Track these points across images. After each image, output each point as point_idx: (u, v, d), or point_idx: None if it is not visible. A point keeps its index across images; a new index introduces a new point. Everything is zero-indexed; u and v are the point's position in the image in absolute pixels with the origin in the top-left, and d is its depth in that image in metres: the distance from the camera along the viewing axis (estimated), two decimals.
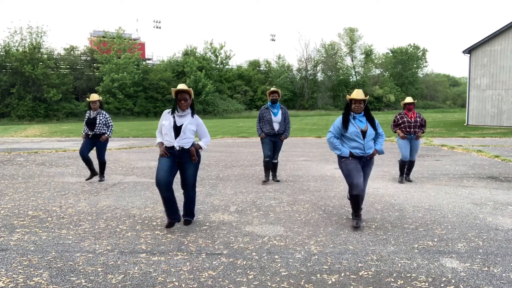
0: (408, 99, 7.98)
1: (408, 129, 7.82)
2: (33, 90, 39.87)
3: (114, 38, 47.49)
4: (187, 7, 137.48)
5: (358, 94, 4.99)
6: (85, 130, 8.07)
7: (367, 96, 5.12)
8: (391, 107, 54.90)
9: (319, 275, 3.63)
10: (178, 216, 4.99)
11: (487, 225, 5.09)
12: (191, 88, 5.05)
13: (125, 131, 23.34)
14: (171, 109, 5.05)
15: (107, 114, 8.16)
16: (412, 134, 7.85)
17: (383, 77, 60.82)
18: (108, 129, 8.12)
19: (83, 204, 6.27)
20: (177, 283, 3.48)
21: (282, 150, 9.00)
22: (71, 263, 3.91)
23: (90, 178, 8.08)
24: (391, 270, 3.74)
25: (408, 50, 62.18)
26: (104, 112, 8.10)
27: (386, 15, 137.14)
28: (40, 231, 4.88)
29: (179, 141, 4.90)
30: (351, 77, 58.88)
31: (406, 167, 7.98)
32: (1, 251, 4.23)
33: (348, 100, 5.08)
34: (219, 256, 4.08)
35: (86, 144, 8.07)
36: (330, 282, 3.49)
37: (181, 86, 4.95)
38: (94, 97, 8.06)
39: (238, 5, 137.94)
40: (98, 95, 8.26)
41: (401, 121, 7.92)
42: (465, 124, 26.08)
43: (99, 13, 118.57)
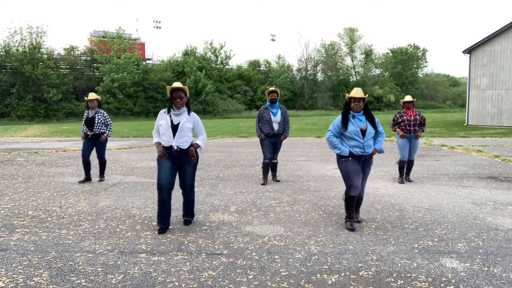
0: (407, 98, 7.98)
1: (408, 128, 7.82)
2: (33, 90, 39.89)
3: (114, 38, 47.51)
4: (187, 7, 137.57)
5: (357, 92, 4.96)
6: (84, 130, 8.05)
7: (367, 94, 5.10)
8: (391, 107, 54.90)
9: (319, 275, 3.63)
10: (169, 223, 4.96)
11: (487, 225, 5.09)
12: (186, 86, 5.02)
13: (125, 131, 23.35)
14: (167, 108, 5.02)
15: (105, 113, 8.14)
16: (411, 133, 7.85)
17: (383, 77, 60.82)
18: (107, 128, 8.11)
19: (83, 204, 6.27)
20: (177, 283, 3.48)
21: (282, 150, 9.00)
22: (71, 263, 3.91)
23: (83, 182, 8.01)
24: (391, 270, 3.74)
25: (408, 50, 62.20)
26: (102, 111, 8.09)
27: (386, 15, 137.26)
28: (40, 231, 4.89)
29: (177, 140, 4.88)
30: (351, 77, 58.87)
31: (405, 167, 7.99)
32: (1, 251, 4.23)
33: (348, 99, 5.05)
34: (219, 256, 4.08)
35: (87, 146, 8.04)
36: (330, 282, 3.49)
37: (176, 84, 4.93)
38: (92, 96, 8.06)
39: (238, 5, 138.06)
40: (96, 94, 8.26)
41: (400, 120, 7.91)
42: (465, 124, 26.08)
43: (99, 13, 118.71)
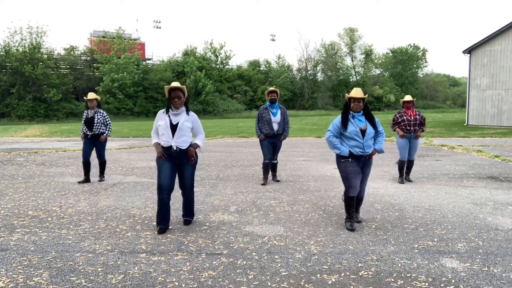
0: (407, 97, 7.98)
1: (408, 128, 7.81)
2: (33, 90, 39.90)
3: (114, 38, 47.52)
4: (187, 7, 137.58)
5: (357, 92, 4.94)
6: (83, 130, 8.04)
7: (366, 94, 5.09)
8: (391, 107, 54.89)
9: (319, 275, 3.63)
10: (169, 223, 4.96)
11: (487, 225, 5.09)
12: (184, 86, 5.01)
13: (125, 131, 23.35)
14: (165, 109, 5.00)
15: (104, 113, 8.13)
16: (411, 133, 7.84)
17: (383, 77, 60.81)
18: (107, 128, 8.11)
19: (83, 204, 6.27)
20: (177, 283, 3.48)
21: (282, 150, 9.01)
22: (71, 263, 3.91)
23: (82, 182, 7.99)
24: (391, 270, 3.74)
25: (408, 50, 62.19)
26: (101, 111, 8.08)
27: (386, 15, 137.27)
28: (40, 231, 4.89)
29: (176, 140, 4.87)
30: (351, 77, 58.86)
31: (405, 167, 7.99)
32: (1, 251, 4.23)
33: (347, 99, 5.04)
34: (219, 256, 4.08)
35: (87, 147, 8.03)
36: (330, 282, 3.49)
37: (174, 84, 4.91)
38: (91, 95, 8.05)
39: (238, 5, 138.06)
40: (96, 94, 8.24)
41: (400, 120, 7.91)
42: (465, 124, 26.07)
43: (99, 13, 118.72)
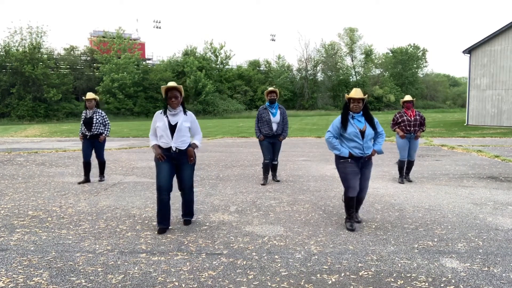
0: (407, 97, 7.97)
1: (408, 128, 7.80)
2: (33, 90, 39.90)
3: (114, 38, 47.52)
4: (187, 7, 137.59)
5: (357, 93, 4.91)
6: (82, 130, 8.01)
7: (366, 95, 5.07)
8: (391, 107, 54.90)
9: (319, 275, 3.63)
10: (169, 223, 4.96)
11: (487, 225, 5.08)
12: (181, 85, 4.96)
13: (125, 131, 23.35)
14: (162, 109, 4.97)
15: (103, 113, 8.12)
16: (411, 133, 7.84)
17: (383, 77, 60.81)
18: (105, 128, 8.09)
19: (83, 204, 6.27)
20: (177, 283, 3.48)
21: (282, 150, 9.01)
22: (71, 263, 3.91)
23: (82, 183, 7.98)
24: (391, 270, 3.74)
25: (408, 50, 62.18)
26: (100, 111, 8.06)
27: (386, 15, 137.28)
28: (40, 231, 4.89)
29: (176, 141, 4.85)
30: (351, 77, 58.86)
31: (405, 167, 7.99)
32: (1, 251, 4.23)
33: (347, 99, 5.01)
34: (219, 256, 4.08)
35: (87, 147, 8.02)
36: (330, 282, 3.49)
37: (171, 84, 4.88)
38: (90, 95, 8.02)
39: (238, 5, 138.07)
40: (94, 94, 8.22)
41: (400, 120, 7.90)
42: (465, 124, 26.07)
43: (99, 13, 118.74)
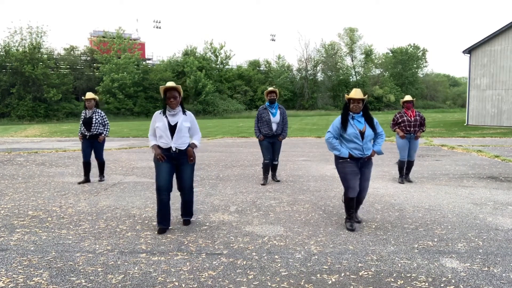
0: (407, 97, 7.97)
1: (408, 128, 7.80)
2: (33, 90, 39.90)
3: (114, 38, 47.52)
4: (187, 7, 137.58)
5: (357, 93, 4.89)
6: (81, 130, 8.00)
7: (366, 95, 5.05)
8: (391, 107, 54.89)
9: (319, 275, 3.63)
10: (169, 223, 4.96)
11: (487, 225, 5.08)
12: (179, 85, 4.94)
13: (125, 131, 23.35)
14: (161, 110, 4.94)
15: (102, 113, 8.10)
16: (411, 133, 7.84)
17: (383, 77, 60.80)
18: (105, 128, 8.08)
19: (83, 204, 6.27)
20: (177, 283, 3.48)
21: (282, 150, 9.01)
22: (71, 263, 3.91)
23: (82, 183, 7.98)
24: (391, 270, 3.74)
25: (408, 50, 62.17)
26: (100, 111, 8.05)
27: (386, 15, 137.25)
28: (40, 231, 4.89)
29: (175, 141, 4.84)
30: (351, 77, 58.85)
31: (405, 167, 7.98)
32: (1, 251, 4.24)
33: (347, 100, 4.99)
34: (219, 256, 4.08)
35: (86, 147, 8.02)
36: (330, 282, 3.49)
37: (169, 84, 4.85)
38: (89, 95, 8.01)
39: (238, 5, 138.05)
40: (94, 94, 8.21)
41: (400, 120, 7.90)
42: (465, 124, 26.07)
43: (99, 13, 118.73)
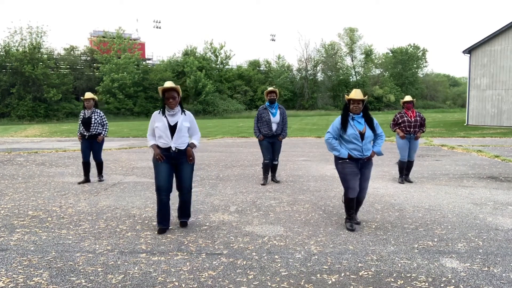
0: (407, 98, 7.96)
1: (408, 129, 7.80)
2: (33, 90, 39.90)
3: (114, 38, 47.53)
4: (187, 7, 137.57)
5: (357, 94, 4.88)
6: (80, 130, 7.99)
7: (366, 96, 5.04)
8: (391, 107, 54.89)
9: (319, 275, 3.63)
10: (169, 223, 4.96)
11: (487, 225, 5.09)
12: (178, 86, 4.88)
13: (125, 131, 23.35)
14: (160, 110, 4.91)
15: (102, 113, 8.10)
16: (411, 134, 7.84)
17: (383, 77, 60.79)
18: (104, 129, 8.07)
19: (83, 204, 6.27)
20: (177, 283, 3.48)
21: (282, 150, 9.00)
22: (71, 263, 3.91)
23: (82, 183, 7.97)
24: (391, 270, 3.74)
25: (408, 50, 62.16)
26: (99, 111, 8.04)
27: (386, 15, 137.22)
28: (40, 231, 4.89)
29: (175, 141, 4.82)
30: (351, 77, 58.85)
31: (405, 168, 7.98)
32: (1, 251, 4.23)
33: (347, 101, 4.99)
34: (219, 256, 4.08)
35: (85, 147, 8.01)
36: (330, 282, 3.49)
37: (168, 84, 4.79)
38: (88, 95, 8.00)
39: (238, 5, 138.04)
40: (93, 94, 8.21)
41: (401, 120, 7.89)
42: (465, 124, 26.07)
43: (99, 13, 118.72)
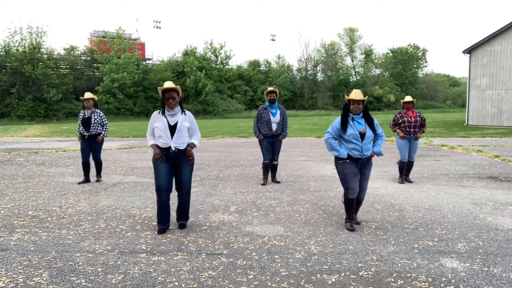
0: (408, 98, 7.96)
1: (408, 129, 7.80)
2: (33, 90, 39.90)
3: (114, 38, 47.53)
4: (187, 7, 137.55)
5: (357, 94, 4.88)
6: (80, 130, 7.98)
7: (366, 96, 5.04)
8: (391, 107, 54.88)
9: (319, 275, 3.63)
10: (169, 223, 4.96)
11: (487, 225, 5.09)
12: (178, 86, 4.87)
13: (125, 131, 23.35)
14: (160, 110, 4.89)
15: (101, 113, 8.09)
16: (412, 134, 7.83)
17: (383, 77, 60.78)
18: (103, 129, 8.06)
19: (83, 204, 6.27)
20: (177, 283, 3.48)
21: (282, 150, 9.00)
22: (71, 263, 3.91)
23: (82, 183, 7.97)
24: (391, 270, 3.74)
25: (408, 50, 62.14)
26: (98, 111, 8.03)
27: (386, 15, 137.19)
28: (40, 231, 4.89)
29: (175, 141, 4.82)
30: (351, 77, 58.84)
31: (405, 168, 7.98)
32: (1, 251, 4.24)
33: (347, 101, 4.98)
34: (219, 256, 4.08)
35: (85, 148, 8.00)
36: (330, 282, 3.49)
37: (168, 85, 4.76)
38: (88, 95, 7.99)
39: (238, 5, 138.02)
40: (92, 94, 8.19)
41: (401, 121, 7.89)
42: (465, 124, 26.07)
43: (99, 13, 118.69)
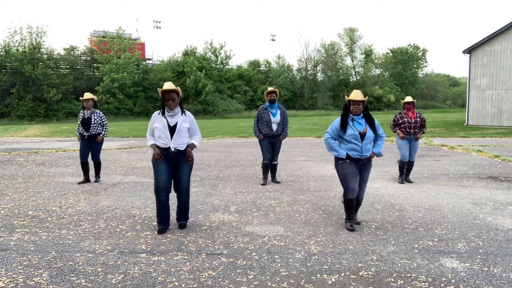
0: (408, 98, 7.96)
1: (408, 130, 7.80)
2: (33, 90, 39.89)
3: (114, 38, 47.53)
4: (187, 7, 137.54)
5: (357, 95, 4.86)
6: (79, 130, 7.97)
7: (366, 96, 5.02)
8: (391, 107, 54.88)
9: (319, 275, 3.63)
10: (168, 223, 4.96)
11: (487, 225, 5.09)
12: (178, 87, 4.86)
13: (125, 131, 23.35)
14: (160, 110, 4.89)
15: (101, 113, 8.07)
16: (412, 135, 7.83)
17: (383, 77, 60.78)
18: (103, 129, 8.05)
19: (83, 204, 6.27)
20: (177, 283, 3.48)
21: (282, 150, 9.01)
22: (71, 263, 3.92)
23: (82, 183, 7.96)
24: (391, 270, 3.74)
25: (408, 50, 62.13)
26: (98, 111, 8.01)
27: (386, 15, 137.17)
28: (40, 231, 4.89)
29: (175, 142, 4.82)
30: (351, 77, 58.83)
31: (405, 168, 7.98)
32: (1, 251, 4.24)
33: (347, 101, 4.98)
34: (219, 256, 4.08)
35: (84, 148, 7.98)
36: (330, 282, 3.49)
37: (168, 86, 4.74)
38: (87, 95, 7.97)
39: (238, 5, 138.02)
40: (92, 94, 8.18)
41: (401, 121, 7.89)
42: (465, 124, 26.08)
43: (99, 13, 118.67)
